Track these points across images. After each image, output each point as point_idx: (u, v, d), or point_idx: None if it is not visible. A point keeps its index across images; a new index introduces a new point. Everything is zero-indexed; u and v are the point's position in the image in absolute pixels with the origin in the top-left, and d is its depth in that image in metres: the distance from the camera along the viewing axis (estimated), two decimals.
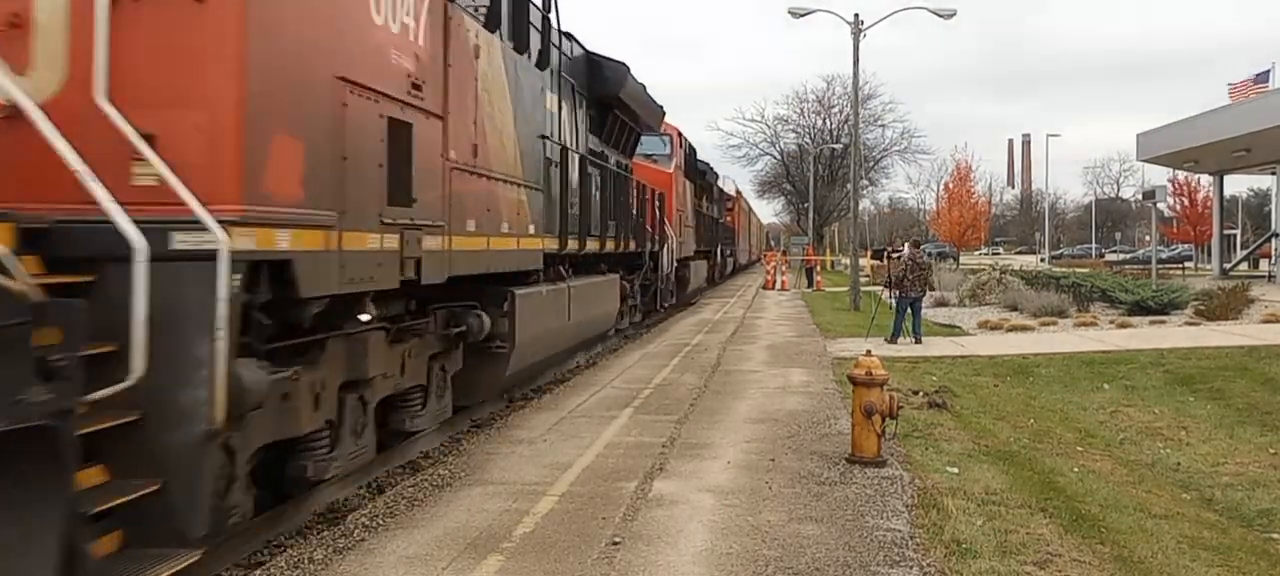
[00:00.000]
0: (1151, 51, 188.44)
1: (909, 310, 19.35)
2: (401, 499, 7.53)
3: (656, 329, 22.59)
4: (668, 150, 25.63)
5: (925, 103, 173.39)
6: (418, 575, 5.93)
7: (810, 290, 41.70)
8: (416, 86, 7.54)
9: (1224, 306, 23.78)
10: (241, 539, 6.33)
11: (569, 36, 14.06)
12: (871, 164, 75.79)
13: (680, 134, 27.48)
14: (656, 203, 21.22)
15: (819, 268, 47.02)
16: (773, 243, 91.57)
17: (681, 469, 8.56)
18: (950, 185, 71.69)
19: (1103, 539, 7.06)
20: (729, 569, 6.00)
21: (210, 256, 4.97)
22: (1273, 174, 47.90)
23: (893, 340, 19.11)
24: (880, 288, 26.87)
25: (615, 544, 6.43)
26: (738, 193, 56.42)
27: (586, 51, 15.47)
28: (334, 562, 6.12)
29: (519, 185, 10.45)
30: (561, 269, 12.75)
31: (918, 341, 19.07)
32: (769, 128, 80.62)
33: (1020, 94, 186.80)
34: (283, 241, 5.64)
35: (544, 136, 11.68)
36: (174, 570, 4.92)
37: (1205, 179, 54.90)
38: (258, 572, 6.03)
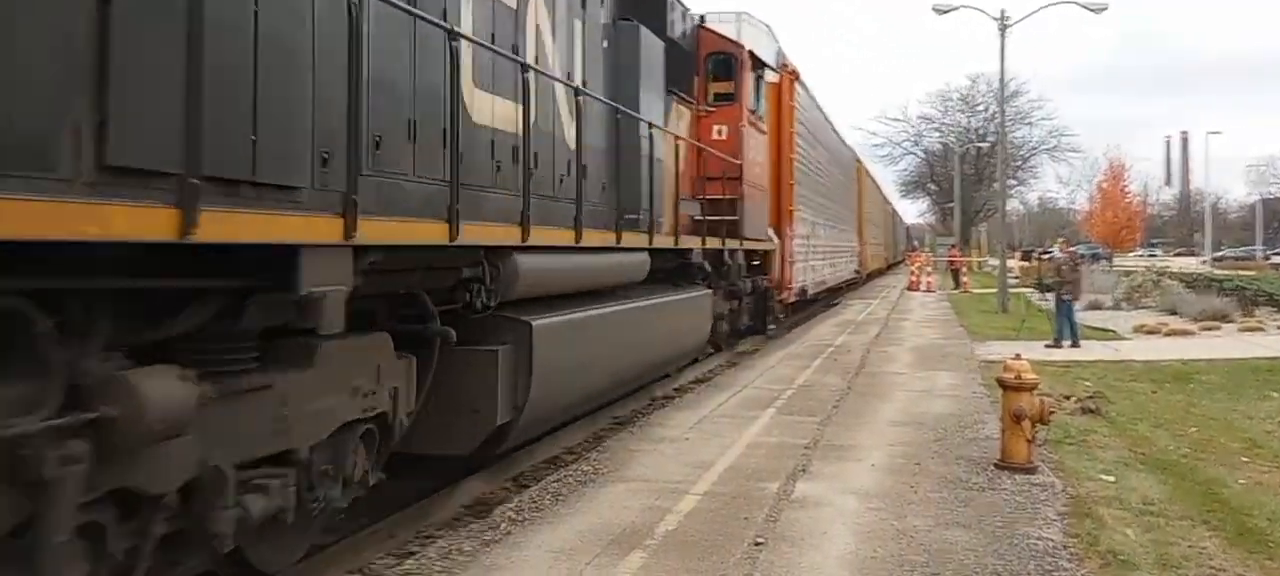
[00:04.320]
0: None
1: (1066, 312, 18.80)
2: (546, 493, 7.66)
3: (799, 328, 22.46)
4: None
5: (1074, 100, 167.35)
6: (563, 568, 6.02)
7: (956, 291, 40.83)
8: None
9: None
10: (394, 528, 6.58)
11: None
12: (1019, 163, 73.73)
13: None
14: None
15: (965, 269, 45.91)
16: (916, 243, 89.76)
17: (825, 470, 8.49)
18: (1103, 184, 69.26)
19: (1272, 554, 6.70)
20: (874, 574, 5.93)
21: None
22: None
23: (1062, 343, 18.54)
24: (1031, 289, 26.11)
25: (758, 544, 6.42)
26: (791, 77, 20.56)
27: None
28: (481, 554, 6.26)
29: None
30: None
31: (1075, 344, 18.47)
32: (912, 127, 79.29)
33: (1174, 90, 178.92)
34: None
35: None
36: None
37: None
38: (409, 562, 6.21)
